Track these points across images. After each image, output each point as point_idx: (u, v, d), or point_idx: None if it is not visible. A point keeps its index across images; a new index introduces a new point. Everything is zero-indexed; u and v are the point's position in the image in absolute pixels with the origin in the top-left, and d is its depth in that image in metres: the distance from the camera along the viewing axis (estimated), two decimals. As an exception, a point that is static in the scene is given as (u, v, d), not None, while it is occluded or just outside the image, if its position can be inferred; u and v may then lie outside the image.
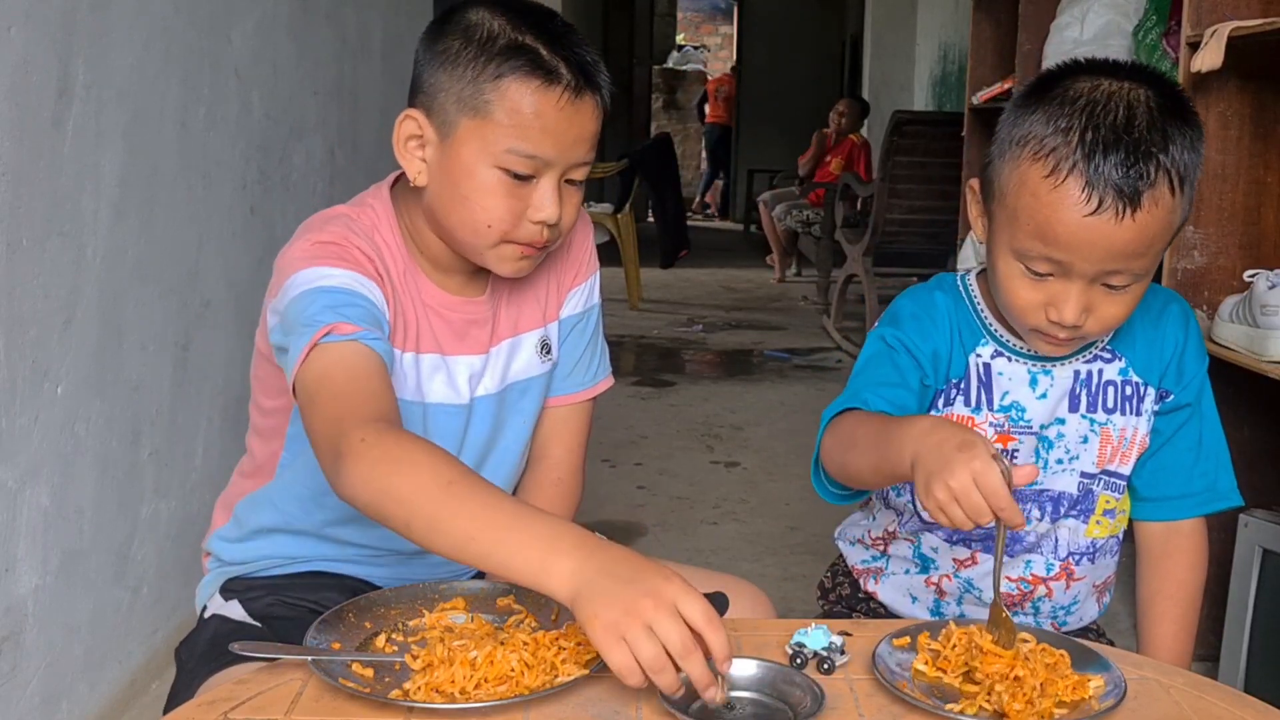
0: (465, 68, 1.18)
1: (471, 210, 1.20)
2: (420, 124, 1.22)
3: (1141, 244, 1.13)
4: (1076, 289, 1.16)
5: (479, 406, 1.32)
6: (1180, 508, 1.35)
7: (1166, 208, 1.13)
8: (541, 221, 1.21)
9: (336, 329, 1.11)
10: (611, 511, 3.27)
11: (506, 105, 1.17)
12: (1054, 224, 1.13)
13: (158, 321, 2.13)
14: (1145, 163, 1.11)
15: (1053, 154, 1.13)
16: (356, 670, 1.00)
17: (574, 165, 1.22)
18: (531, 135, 1.18)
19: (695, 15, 17.15)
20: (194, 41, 2.26)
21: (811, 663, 1.06)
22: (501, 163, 1.18)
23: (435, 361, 1.29)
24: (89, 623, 1.96)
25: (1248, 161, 2.19)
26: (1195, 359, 1.33)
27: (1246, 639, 1.96)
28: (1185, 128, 1.14)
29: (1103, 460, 1.31)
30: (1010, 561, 1.33)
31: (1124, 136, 1.11)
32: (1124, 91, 1.14)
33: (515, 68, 1.17)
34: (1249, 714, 1.00)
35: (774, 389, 4.85)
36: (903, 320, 1.31)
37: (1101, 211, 1.11)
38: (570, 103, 1.18)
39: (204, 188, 2.33)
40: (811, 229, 7.20)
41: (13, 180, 1.67)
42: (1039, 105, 1.16)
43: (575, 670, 1.00)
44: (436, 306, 1.29)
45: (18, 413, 1.72)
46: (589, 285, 1.43)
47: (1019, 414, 1.29)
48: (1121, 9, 2.87)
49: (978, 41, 3.97)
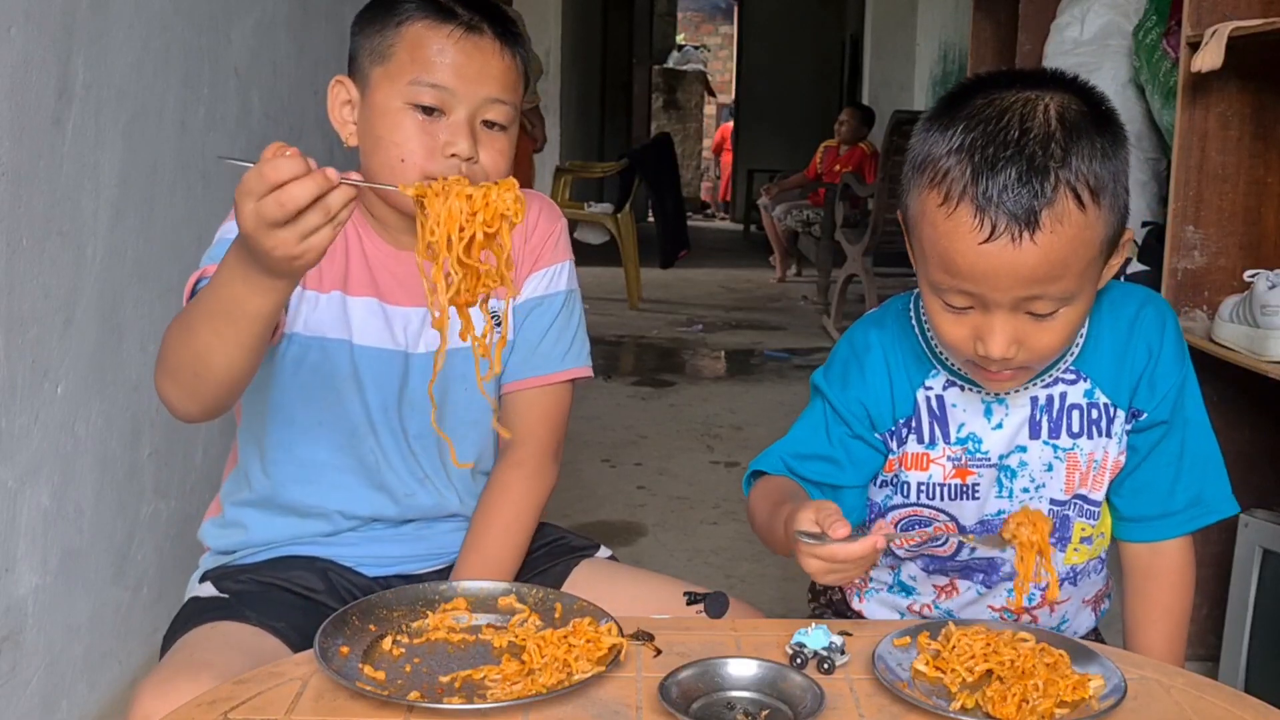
0: (374, 25, 1.29)
1: (386, 149, 1.26)
2: (347, 87, 1.32)
3: (1053, 267, 1.05)
4: (999, 320, 1.09)
5: (416, 362, 1.35)
6: (1162, 528, 1.28)
7: (1075, 224, 1.05)
8: (456, 155, 1.25)
9: (205, 273, 1.22)
10: (611, 511, 3.27)
11: (406, 44, 1.26)
12: (953, 255, 1.07)
13: (158, 321, 2.13)
14: (1039, 180, 1.03)
15: (945, 178, 1.07)
16: (368, 672, 1.01)
17: (485, 103, 1.27)
18: (431, 67, 1.25)
19: (695, 15, 17.15)
20: (194, 41, 2.26)
21: (811, 663, 1.06)
22: (407, 97, 1.25)
23: (370, 305, 1.34)
24: (89, 623, 1.96)
25: (1248, 161, 2.18)
26: (1173, 367, 1.24)
27: (1246, 639, 1.96)
28: (1095, 135, 1.07)
29: (1071, 486, 1.26)
30: (992, 591, 1.31)
31: (1016, 154, 1.04)
32: (1021, 102, 1.07)
33: (411, 11, 1.27)
34: (1249, 714, 1.00)
35: (774, 389, 4.85)
36: (834, 366, 1.29)
37: (996, 237, 1.04)
38: (465, 37, 1.26)
39: (204, 187, 2.33)
40: (811, 229, 7.20)
41: (13, 180, 1.67)
42: (937, 124, 1.10)
43: (590, 668, 1.01)
44: (382, 258, 1.35)
45: (18, 412, 1.72)
46: (553, 271, 1.43)
47: (976, 445, 1.24)
48: (1121, 9, 2.86)
49: (978, 41, 3.96)
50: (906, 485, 1.27)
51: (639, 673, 1.04)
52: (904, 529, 1.29)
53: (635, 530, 3.14)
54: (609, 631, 1.07)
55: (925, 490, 1.26)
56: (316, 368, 1.33)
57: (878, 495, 1.31)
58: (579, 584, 1.37)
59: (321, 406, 1.34)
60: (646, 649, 1.08)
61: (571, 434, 1.57)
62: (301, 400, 1.34)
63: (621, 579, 1.40)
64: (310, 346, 1.32)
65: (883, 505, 1.31)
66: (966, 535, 1.24)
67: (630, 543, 3.04)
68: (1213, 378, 1.29)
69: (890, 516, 1.30)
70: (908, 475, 1.27)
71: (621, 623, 1.09)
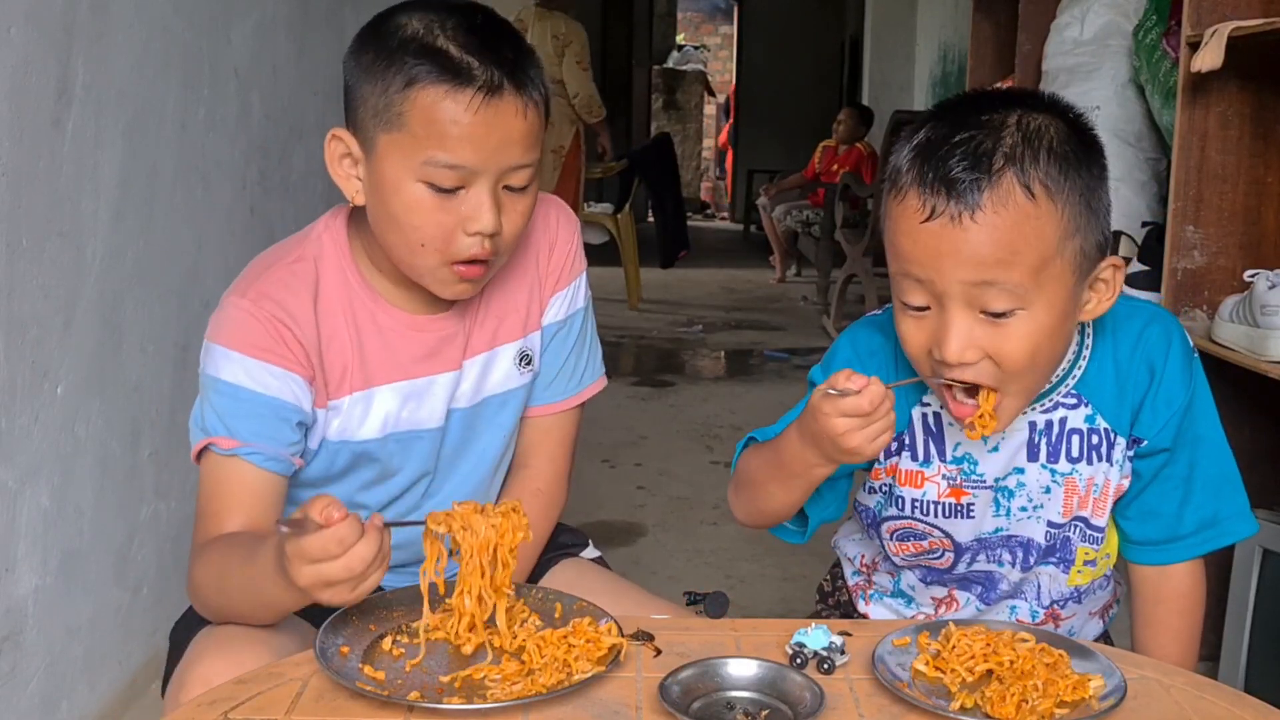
0: (378, 78, 1.13)
1: (402, 230, 1.15)
2: (347, 142, 1.17)
3: (997, 248, 1.03)
4: (953, 317, 1.07)
5: (452, 419, 1.30)
6: (1170, 552, 1.24)
7: (1022, 211, 1.03)
8: (478, 233, 1.14)
9: (218, 443, 1.17)
10: (611, 512, 3.27)
11: (418, 115, 1.11)
12: (898, 237, 1.08)
13: (158, 322, 2.13)
14: (985, 162, 1.03)
15: (900, 174, 1.08)
16: (368, 672, 1.01)
17: (508, 170, 1.15)
18: (448, 144, 1.11)
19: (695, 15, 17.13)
20: (194, 42, 2.26)
21: (811, 663, 1.06)
22: (423, 176, 1.13)
23: (404, 389, 1.26)
24: (89, 623, 1.96)
25: (1248, 161, 2.19)
26: (1178, 388, 1.20)
27: (1246, 639, 1.96)
28: (1061, 146, 1.05)
29: (1069, 510, 1.23)
30: (993, 608, 1.30)
31: (965, 142, 1.04)
32: (995, 113, 1.07)
33: (422, 74, 1.11)
34: (1249, 714, 1.00)
35: (774, 389, 4.85)
36: (834, 365, 1.26)
37: (937, 216, 1.04)
38: (486, 104, 1.11)
39: (204, 188, 2.33)
40: (811, 229, 7.20)
41: (13, 180, 1.67)
42: (907, 134, 1.10)
43: (590, 667, 1.01)
44: (401, 330, 1.25)
45: (18, 413, 1.72)
46: (573, 288, 1.37)
47: (971, 467, 1.22)
48: (1121, 9, 2.86)
49: (978, 41, 3.97)
50: (901, 500, 1.26)
51: (639, 673, 1.04)
52: (899, 540, 1.29)
53: (635, 530, 3.14)
54: (609, 631, 1.07)
55: (920, 506, 1.25)
56: (348, 465, 1.28)
57: (869, 501, 1.31)
58: (554, 583, 1.34)
59: (352, 490, 1.30)
60: (646, 649, 1.08)
61: (571, 434, 1.56)
62: (328, 485, 1.29)
63: (596, 584, 1.34)
64: (340, 451, 1.26)
65: (876, 513, 1.30)
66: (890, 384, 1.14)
67: (630, 543, 3.04)
68: (1213, 377, 1.28)
69: (885, 526, 1.29)
70: (901, 491, 1.25)
71: (621, 623, 1.09)
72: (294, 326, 1.19)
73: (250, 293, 1.20)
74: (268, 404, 1.18)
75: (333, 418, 1.24)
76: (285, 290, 1.20)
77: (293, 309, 1.19)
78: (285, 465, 1.20)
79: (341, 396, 1.23)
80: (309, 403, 1.21)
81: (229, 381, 1.17)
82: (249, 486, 1.18)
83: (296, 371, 1.19)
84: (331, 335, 1.22)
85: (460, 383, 1.29)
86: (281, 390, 1.18)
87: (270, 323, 1.18)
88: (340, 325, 1.23)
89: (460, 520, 1.06)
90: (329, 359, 1.22)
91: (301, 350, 1.19)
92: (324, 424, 1.24)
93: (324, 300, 1.22)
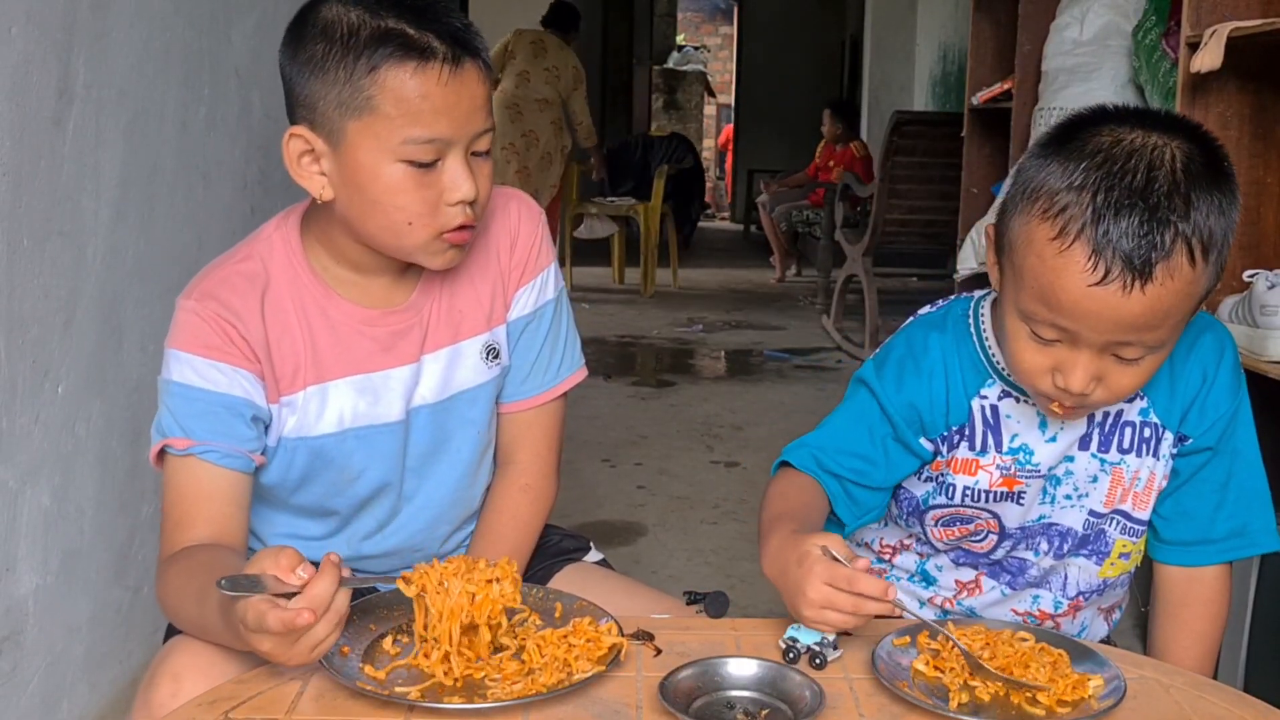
0: (335, 70, 1.14)
1: (387, 213, 1.17)
2: (308, 138, 1.18)
3: (1153, 317, 1.05)
4: (1084, 358, 1.09)
5: (416, 418, 1.30)
6: (1200, 554, 1.27)
7: (1184, 279, 1.04)
8: (460, 201, 1.17)
9: (173, 444, 1.19)
10: (611, 511, 3.27)
11: (389, 96, 1.13)
12: (1058, 290, 1.06)
13: (158, 321, 2.13)
14: (1160, 231, 1.02)
15: (1061, 214, 1.05)
16: (368, 672, 1.01)
17: (476, 136, 1.18)
18: (424, 119, 1.13)
19: (695, 15, 17.14)
20: (194, 41, 2.26)
21: (804, 657, 1.06)
22: (401, 155, 1.14)
23: (360, 383, 1.26)
24: (89, 623, 1.96)
25: (1248, 161, 2.19)
26: (1226, 395, 1.24)
27: (1246, 639, 1.96)
28: (1214, 191, 1.05)
29: (1111, 500, 1.26)
30: (1016, 595, 1.31)
31: (1139, 201, 1.02)
32: (1148, 148, 1.05)
33: (387, 55, 1.12)
34: (1249, 714, 1.00)
35: (774, 389, 4.85)
36: (888, 365, 1.27)
37: (1108, 282, 1.03)
38: (453, 75, 1.14)
39: (204, 188, 2.33)
40: (812, 229, 7.20)
41: (13, 180, 1.67)
42: (1056, 155, 1.08)
43: (590, 667, 1.01)
44: (354, 324, 1.26)
45: (18, 413, 1.72)
46: (540, 281, 1.36)
47: (1026, 457, 1.24)
48: (1121, 9, 2.87)
49: (977, 42, 3.97)
50: (952, 488, 1.27)
51: (639, 672, 1.04)
52: (944, 525, 1.30)
53: (635, 530, 3.14)
54: (609, 631, 1.07)
55: (970, 494, 1.26)
56: (308, 466, 1.28)
57: (919, 490, 1.31)
58: (561, 588, 1.33)
59: (320, 496, 1.30)
60: (646, 649, 1.08)
61: (571, 434, 1.55)
62: (294, 491, 1.30)
63: (604, 586, 1.35)
64: (298, 449, 1.26)
65: (923, 502, 1.30)
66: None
67: (630, 543, 3.04)
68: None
69: (930, 514, 1.30)
70: (954, 478, 1.26)
71: (621, 622, 1.09)
72: (238, 324, 1.21)
73: (195, 293, 1.22)
74: (219, 400, 1.19)
75: (289, 414, 1.25)
76: (229, 290, 1.22)
77: (236, 307, 1.21)
78: (244, 462, 1.21)
79: (295, 391, 1.24)
80: (261, 397, 1.22)
81: (180, 382, 1.20)
82: (209, 488, 1.19)
83: (244, 367, 1.21)
84: (282, 332, 1.23)
85: (420, 377, 1.29)
86: (231, 386, 1.20)
87: (214, 321, 1.20)
88: (291, 322, 1.24)
89: (437, 576, 1.04)
90: (279, 355, 1.23)
91: (248, 346, 1.21)
92: (280, 421, 1.25)
93: (272, 298, 1.23)
